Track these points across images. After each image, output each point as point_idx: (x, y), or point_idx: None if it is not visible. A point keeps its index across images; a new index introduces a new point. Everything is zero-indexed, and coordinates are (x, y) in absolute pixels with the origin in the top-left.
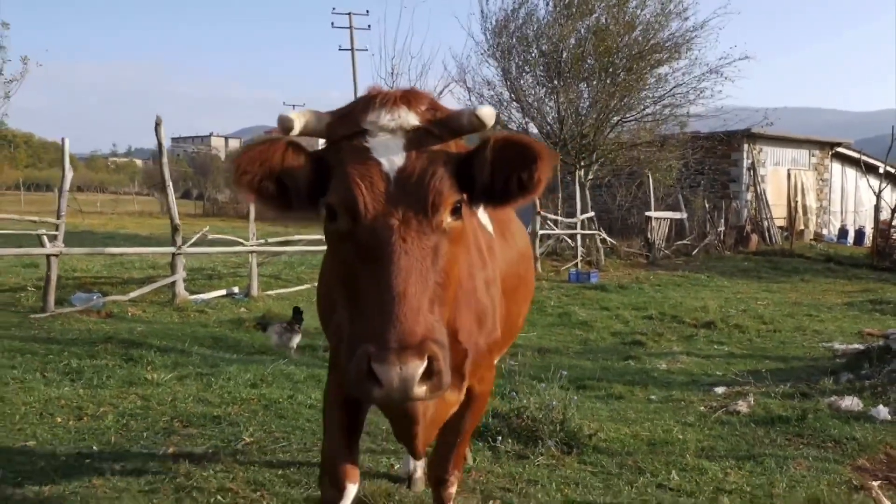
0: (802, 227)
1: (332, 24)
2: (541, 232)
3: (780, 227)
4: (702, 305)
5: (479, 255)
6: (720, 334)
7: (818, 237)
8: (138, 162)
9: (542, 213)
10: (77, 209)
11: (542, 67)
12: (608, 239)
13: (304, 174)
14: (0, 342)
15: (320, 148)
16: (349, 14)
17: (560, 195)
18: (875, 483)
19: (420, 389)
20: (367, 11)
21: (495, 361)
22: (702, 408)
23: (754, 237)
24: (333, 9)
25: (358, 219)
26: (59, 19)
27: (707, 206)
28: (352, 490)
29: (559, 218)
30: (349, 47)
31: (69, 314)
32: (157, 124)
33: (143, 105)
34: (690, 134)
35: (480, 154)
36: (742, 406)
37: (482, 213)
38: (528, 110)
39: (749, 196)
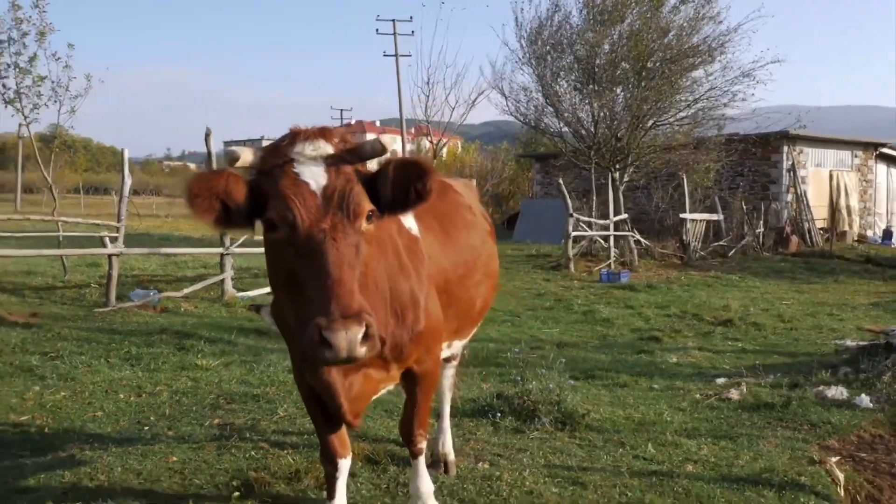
0: (846, 228)
1: (377, 30)
2: (574, 233)
3: (822, 229)
4: (724, 304)
5: (397, 258)
6: (737, 331)
7: (861, 238)
8: (192, 165)
9: (576, 215)
10: (135, 213)
11: (576, 73)
12: (642, 240)
13: (242, 197)
14: (69, 332)
15: (253, 177)
16: (393, 21)
17: (595, 197)
18: (833, 459)
19: (362, 349)
20: (411, 18)
21: (452, 345)
22: (697, 395)
23: (794, 238)
24: (378, 16)
25: (296, 227)
26: (116, 29)
27: (745, 207)
28: (343, 464)
29: (593, 220)
30: (393, 53)
31: (129, 308)
32: (207, 135)
33: (196, 110)
34: (727, 136)
35: (383, 173)
36: (734, 394)
37: (407, 218)
38: (562, 115)
39: (789, 197)
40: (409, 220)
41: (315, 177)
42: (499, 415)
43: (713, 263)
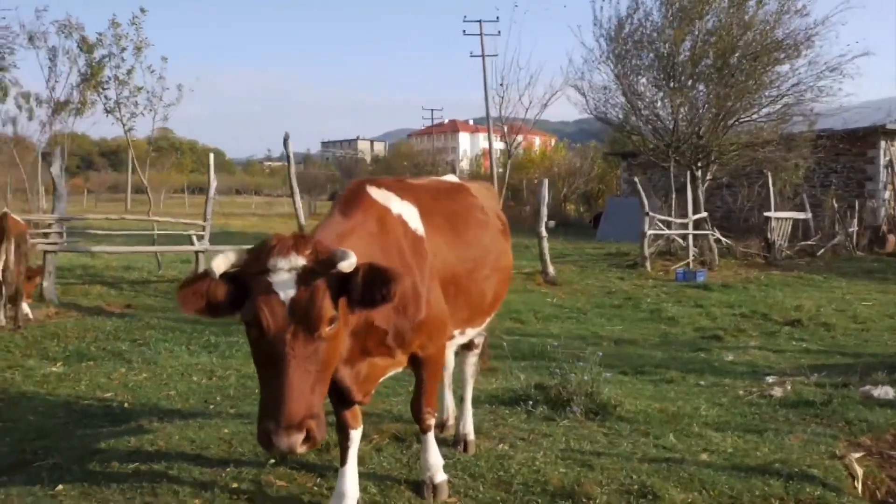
0: None
1: (464, 31)
2: (650, 232)
3: None
4: (796, 304)
5: (401, 258)
6: (803, 332)
7: None
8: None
9: (652, 213)
10: (220, 212)
11: (656, 70)
12: (723, 239)
13: (224, 295)
14: (157, 322)
15: (237, 271)
16: (480, 21)
17: (673, 195)
18: (857, 454)
19: (302, 448)
20: (498, 18)
21: (465, 332)
22: (741, 392)
23: (892, 238)
24: (465, 17)
25: (263, 333)
26: (221, 33)
27: (836, 205)
28: (354, 434)
29: (671, 219)
30: (480, 53)
31: None
32: (285, 139)
33: (295, 111)
34: (818, 132)
35: (354, 278)
36: (777, 391)
37: (413, 217)
38: (641, 112)
39: (887, 195)
40: (415, 222)
41: (285, 288)
42: (531, 403)
43: (799, 263)
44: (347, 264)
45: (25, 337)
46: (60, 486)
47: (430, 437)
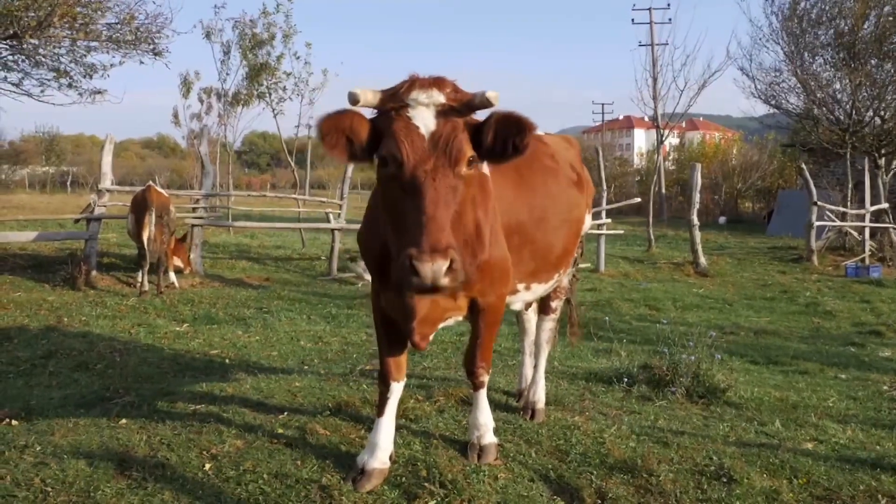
0: None
1: (633, 20)
2: (817, 223)
3: None
4: None
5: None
6: None
7: None
8: None
9: (821, 203)
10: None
11: (834, 49)
12: None
13: (365, 135)
14: (288, 294)
15: (373, 116)
16: (650, 9)
17: (850, 186)
18: None
19: (445, 279)
20: (668, 5)
21: (531, 288)
22: (885, 387)
23: None
24: (634, 5)
25: (402, 166)
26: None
27: None
28: (395, 387)
29: (847, 210)
30: (648, 42)
31: (347, 278)
32: None
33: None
34: None
35: (487, 124)
36: None
37: None
38: (813, 95)
39: None
40: None
41: (425, 122)
42: (626, 380)
43: None
44: (489, 100)
45: (164, 301)
46: (123, 420)
47: (482, 394)
